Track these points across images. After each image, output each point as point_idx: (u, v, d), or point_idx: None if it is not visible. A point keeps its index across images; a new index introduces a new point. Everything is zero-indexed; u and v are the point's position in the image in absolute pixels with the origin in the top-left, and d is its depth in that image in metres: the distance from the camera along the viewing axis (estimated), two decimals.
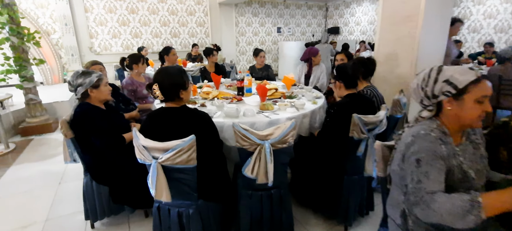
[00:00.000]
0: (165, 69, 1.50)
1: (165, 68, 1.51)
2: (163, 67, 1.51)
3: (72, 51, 6.65)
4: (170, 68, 1.51)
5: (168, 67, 1.52)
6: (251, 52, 9.02)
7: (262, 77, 3.93)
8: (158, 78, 1.46)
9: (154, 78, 1.46)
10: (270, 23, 9.01)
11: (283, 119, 2.05)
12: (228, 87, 3.19)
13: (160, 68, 1.51)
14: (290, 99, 2.53)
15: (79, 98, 1.85)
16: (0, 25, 3.70)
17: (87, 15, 6.71)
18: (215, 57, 3.87)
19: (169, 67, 1.53)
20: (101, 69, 2.44)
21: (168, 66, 1.55)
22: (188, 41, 7.98)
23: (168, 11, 7.52)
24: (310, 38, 9.98)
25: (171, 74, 1.46)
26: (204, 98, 2.65)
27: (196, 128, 1.47)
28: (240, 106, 2.34)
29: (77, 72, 1.84)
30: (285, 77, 2.89)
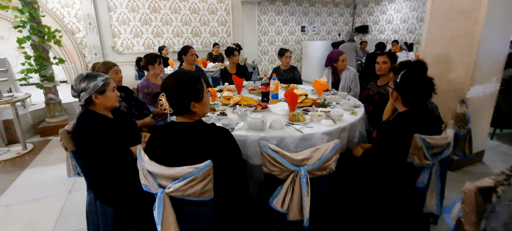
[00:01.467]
0: (176, 75, 1.20)
1: (175, 74, 1.21)
2: (174, 73, 1.22)
3: (95, 50, 6.67)
4: (182, 74, 1.21)
5: (179, 73, 1.22)
6: (273, 52, 8.68)
7: (287, 80, 3.58)
8: (166, 86, 1.17)
9: (162, 86, 1.17)
10: (293, 21, 8.60)
11: (318, 134, 1.70)
12: (251, 91, 2.87)
13: (169, 75, 1.21)
14: (324, 108, 2.17)
15: (83, 105, 1.62)
16: (21, 24, 3.64)
17: (111, 14, 6.69)
18: (236, 58, 3.58)
19: (181, 72, 1.23)
20: (116, 71, 2.21)
21: (179, 72, 1.25)
22: (209, 41, 7.78)
23: (190, 10, 7.37)
24: (336, 38, 9.45)
25: (182, 82, 1.17)
26: (225, 104, 2.35)
27: (213, 150, 1.16)
28: (265, 115, 2.02)
29: (80, 75, 1.60)
30: (317, 81, 2.53)
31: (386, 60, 2.61)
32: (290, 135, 1.67)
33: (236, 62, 3.62)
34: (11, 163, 3.22)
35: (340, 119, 1.92)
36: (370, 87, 2.75)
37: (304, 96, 2.35)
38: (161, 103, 1.14)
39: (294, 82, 3.52)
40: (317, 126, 1.81)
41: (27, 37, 3.72)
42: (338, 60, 3.12)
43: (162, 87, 1.17)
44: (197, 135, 1.18)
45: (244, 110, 1.95)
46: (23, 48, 3.69)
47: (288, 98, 1.96)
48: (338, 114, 1.92)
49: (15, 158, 3.32)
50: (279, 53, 3.62)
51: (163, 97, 1.14)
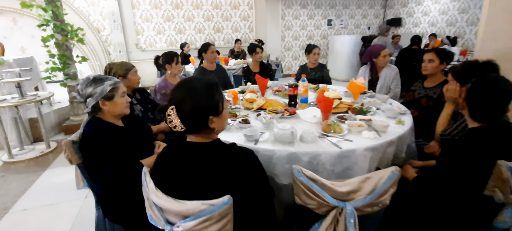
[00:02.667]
0: (187, 83, 0.96)
1: (187, 81, 0.97)
2: (185, 81, 0.97)
3: (119, 47, 6.72)
4: (195, 80, 0.96)
5: (192, 80, 0.97)
6: (297, 48, 8.30)
7: (315, 79, 3.26)
8: (176, 98, 0.93)
9: (171, 98, 0.94)
10: (320, 15, 8.14)
11: (360, 150, 1.41)
12: (276, 93, 2.60)
13: (179, 83, 0.98)
14: (363, 116, 1.85)
15: (90, 112, 1.44)
16: (45, 22, 3.63)
17: (134, 11, 6.69)
18: (259, 55, 3.31)
19: (194, 79, 0.98)
20: (135, 72, 2.04)
21: (191, 78, 1.00)
22: (231, 37, 7.57)
23: (212, 5, 7.19)
24: (366, 32, 8.84)
25: (196, 92, 0.93)
26: (247, 109, 2.10)
27: (235, 180, 0.91)
28: (294, 123, 1.74)
29: (87, 79, 1.42)
30: (353, 82, 2.20)
31: (433, 58, 2.21)
32: (325, 150, 1.39)
33: (259, 60, 3.35)
34: (34, 162, 3.22)
35: (386, 130, 1.60)
36: (415, 89, 2.37)
37: (338, 100, 2.04)
38: (170, 120, 0.91)
39: (323, 82, 3.19)
40: (357, 138, 1.51)
41: (51, 35, 3.72)
42: (379, 56, 2.75)
43: (171, 99, 0.93)
44: (214, 159, 0.93)
45: (270, 118, 1.69)
46: (47, 46, 3.68)
47: (322, 105, 1.67)
48: (382, 124, 1.60)
49: (38, 157, 3.33)
50: (307, 49, 3.31)
51: (172, 112, 0.90)
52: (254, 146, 1.44)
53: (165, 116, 0.91)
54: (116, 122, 1.50)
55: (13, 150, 3.40)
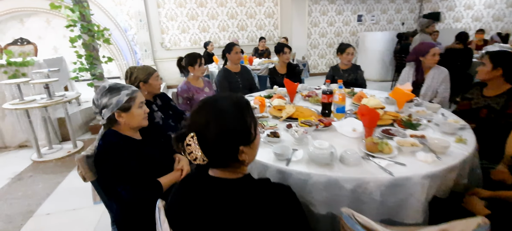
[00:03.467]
0: (212, 103, 0.77)
1: (212, 101, 0.78)
2: (209, 100, 0.78)
3: (145, 46, 6.78)
4: (223, 99, 0.77)
5: (218, 99, 0.78)
6: (324, 46, 7.92)
7: (349, 82, 2.97)
8: (197, 122, 0.74)
9: (190, 122, 0.75)
10: (349, 10, 7.69)
11: (417, 177, 1.15)
12: (306, 98, 2.37)
13: (201, 102, 0.79)
14: (413, 130, 1.57)
15: (105, 124, 1.32)
16: (72, 23, 3.66)
17: (159, 10, 6.71)
18: (287, 56, 3.08)
19: (221, 98, 0.79)
20: (157, 77, 1.91)
21: (218, 97, 0.80)
22: (256, 34, 7.38)
23: (236, 3, 7.03)
24: (399, 28, 8.24)
25: (222, 115, 0.74)
26: (275, 117, 1.90)
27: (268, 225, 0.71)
28: (330, 137, 1.51)
29: (103, 88, 1.30)
30: (397, 89, 1.91)
31: (485, 62, 1.86)
32: (374, 176, 1.15)
33: (286, 61, 3.13)
34: (61, 162, 3.26)
35: (445, 151, 1.32)
36: (471, 97, 2.02)
37: (381, 110, 1.77)
38: (190, 151, 0.72)
39: (357, 85, 2.90)
40: (411, 162, 1.25)
41: (78, 36, 3.74)
42: (428, 54, 2.43)
43: (190, 124, 0.74)
44: (244, 201, 0.74)
45: (303, 132, 1.47)
46: (74, 47, 3.72)
47: (366, 118, 1.42)
48: (441, 144, 1.32)
49: (65, 157, 3.36)
50: (339, 49, 3.02)
51: (192, 141, 0.72)
52: (286, 167, 1.24)
53: (184, 146, 0.73)
54: (133, 135, 1.36)
55: (42, 149, 3.47)
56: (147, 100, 1.89)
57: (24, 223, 2.20)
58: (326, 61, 8.09)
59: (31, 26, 6.28)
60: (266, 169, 1.29)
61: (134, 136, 1.36)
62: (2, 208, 2.40)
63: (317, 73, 7.99)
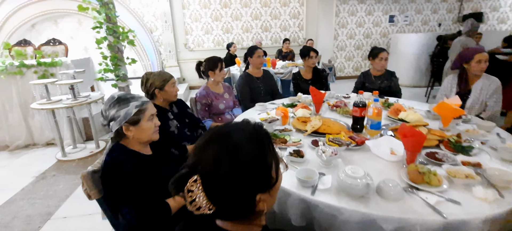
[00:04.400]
0: (223, 135, 0.60)
1: (222, 132, 0.61)
2: (219, 130, 0.62)
3: (169, 47, 6.85)
4: (236, 132, 0.60)
5: (230, 130, 0.61)
6: (352, 48, 7.53)
7: (381, 90, 2.70)
8: (202, 159, 0.58)
9: (194, 160, 0.59)
10: (380, 10, 7.24)
11: (477, 222, 0.92)
12: (334, 108, 2.15)
13: (209, 131, 0.62)
14: (465, 155, 1.32)
15: (113, 138, 1.21)
16: (99, 24, 3.71)
17: (184, 11, 6.74)
18: (313, 61, 2.87)
19: (233, 128, 0.62)
20: (173, 84, 1.80)
21: (230, 128, 0.63)
22: (280, 35, 7.18)
23: (261, 3, 6.88)
24: (436, 29, 7.63)
25: (236, 152, 0.57)
26: (299, 130, 1.71)
27: None
28: (362, 159, 1.30)
29: (111, 98, 1.19)
30: (443, 104, 1.64)
31: None
32: (420, 217, 0.93)
33: (312, 66, 2.91)
34: (83, 162, 3.29)
35: (510, 186, 1.06)
36: None
37: (424, 128, 1.52)
38: (192, 198, 0.56)
39: (390, 94, 2.62)
40: (466, 199, 1.01)
41: (104, 37, 3.79)
42: (472, 61, 2.12)
43: (194, 163, 0.58)
44: None
45: (332, 153, 1.27)
46: (100, 48, 3.77)
47: (409, 141, 1.19)
48: (505, 178, 1.07)
49: (87, 157, 3.40)
50: (371, 53, 2.76)
51: (195, 185, 0.56)
52: (311, 197, 1.06)
53: (184, 192, 0.58)
54: (143, 150, 1.24)
55: (67, 148, 3.55)
56: (162, 108, 1.79)
57: (41, 225, 2.20)
58: (354, 64, 7.70)
59: (64, 27, 6.58)
60: (287, 197, 1.12)
61: (143, 151, 1.24)
62: (24, 208, 2.44)
63: (343, 77, 7.63)
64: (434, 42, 5.95)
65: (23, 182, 2.87)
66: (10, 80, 3.63)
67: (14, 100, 3.69)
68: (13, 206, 2.48)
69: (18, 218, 2.30)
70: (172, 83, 1.77)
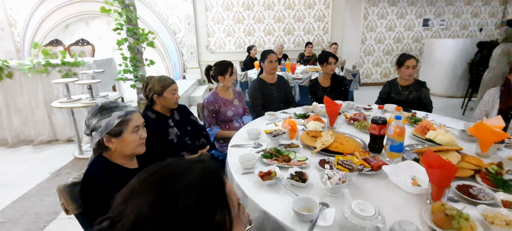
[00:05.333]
0: (158, 181, 0.44)
1: (160, 175, 0.45)
2: (155, 173, 0.46)
3: (191, 49, 6.91)
4: (177, 176, 0.44)
5: (175, 171, 0.45)
6: (380, 53, 7.09)
7: (409, 102, 2.42)
8: (123, 215, 0.42)
9: (115, 213, 0.45)
10: (413, 13, 6.73)
11: None
12: (351, 122, 1.93)
13: (140, 176, 0.47)
14: (506, 193, 1.06)
15: (95, 149, 1.12)
16: (119, 26, 3.77)
17: (207, 13, 6.76)
18: (332, 67, 2.65)
19: (180, 166, 0.46)
20: (174, 91, 1.70)
21: (172, 169, 0.44)
22: (303, 39, 6.95)
23: (284, 6, 6.71)
24: (476, 34, 6.94)
25: (170, 206, 0.41)
26: (307, 147, 1.53)
27: None
28: (377, 188, 1.09)
29: (94, 107, 1.10)
30: (482, 125, 1.36)
31: None
32: None
33: (331, 73, 2.69)
34: None
35: None
36: None
37: (456, 155, 1.27)
38: None
39: (419, 107, 2.33)
40: None
41: (125, 39, 3.85)
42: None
43: (115, 217, 0.44)
44: None
45: (340, 179, 1.07)
46: (121, 49, 3.83)
47: (436, 173, 0.97)
48: None
49: None
50: (400, 61, 2.47)
51: None
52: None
53: None
54: (127, 163, 1.14)
55: (85, 145, 3.63)
56: (162, 114, 1.70)
57: (47, 224, 2.21)
58: (382, 70, 7.24)
59: (94, 28, 6.89)
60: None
61: (127, 164, 1.14)
62: (34, 205, 2.48)
63: (369, 84, 7.20)
64: (474, 49, 5.39)
65: (39, 178, 2.95)
66: (37, 78, 3.80)
67: (39, 97, 3.86)
68: (25, 201, 2.53)
69: (27, 215, 2.34)
70: (172, 89, 1.66)
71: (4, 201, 2.53)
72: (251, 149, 1.52)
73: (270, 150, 1.43)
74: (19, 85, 3.81)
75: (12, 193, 2.64)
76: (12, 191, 2.67)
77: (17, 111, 3.90)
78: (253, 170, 1.27)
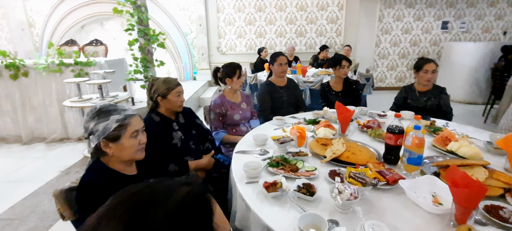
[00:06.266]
0: (131, 207, 0.38)
1: (136, 202, 0.39)
2: (128, 199, 0.40)
3: (202, 50, 6.91)
4: (157, 204, 0.37)
5: (148, 201, 0.38)
6: (396, 56, 6.86)
7: (427, 109, 2.28)
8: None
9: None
10: (431, 15, 6.47)
11: None
12: (364, 129, 1.82)
13: (112, 201, 0.41)
14: None
15: (92, 154, 1.08)
16: (131, 27, 3.79)
17: (219, 15, 6.75)
18: (345, 71, 2.54)
19: (157, 199, 0.39)
20: (179, 93, 1.63)
21: (151, 193, 0.38)
22: (315, 41, 6.82)
23: (297, 7, 6.60)
24: (499, 38, 6.60)
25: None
26: (316, 156, 1.44)
27: None
28: (394, 207, 0.99)
29: (93, 109, 1.06)
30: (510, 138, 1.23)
31: None
32: None
33: (344, 77, 2.58)
34: None
35: None
36: None
37: (483, 171, 1.15)
38: None
39: (438, 115, 2.19)
40: None
41: (135, 39, 3.86)
42: None
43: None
44: None
45: (351, 195, 0.98)
46: (132, 50, 3.85)
47: (462, 193, 0.86)
48: None
49: None
50: (417, 65, 2.33)
51: None
52: None
53: None
54: (125, 169, 1.09)
55: None
56: (166, 117, 1.65)
57: (53, 224, 2.21)
58: (397, 74, 7.01)
59: (109, 29, 7.01)
60: None
61: (125, 170, 1.09)
62: (43, 202, 2.50)
63: (383, 88, 6.97)
64: (497, 53, 5.11)
65: (50, 176, 2.98)
66: (51, 77, 3.87)
67: (53, 96, 3.93)
68: (34, 199, 2.55)
69: (35, 213, 2.35)
70: (177, 92, 1.61)
71: (15, 197, 2.56)
72: (256, 156, 1.45)
73: (277, 158, 1.35)
74: (34, 84, 3.89)
75: (23, 189, 2.68)
76: (23, 188, 2.71)
77: (32, 109, 3.98)
78: (258, 179, 1.19)
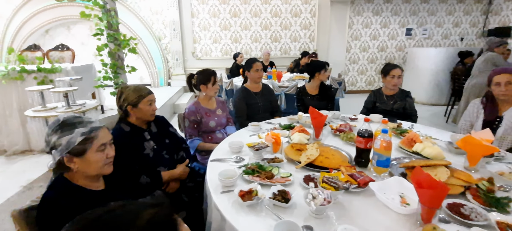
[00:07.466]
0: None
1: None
2: (90, 220, 0.40)
3: (177, 55, 6.77)
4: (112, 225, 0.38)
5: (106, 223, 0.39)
6: (365, 61, 7.18)
7: (394, 112, 2.40)
8: None
9: None
10: (396, 22, 6.88)
11: None
12: (336, 133, 1.88)
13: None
14: (499, 212, 1.02)
15: (54, 169, 1.01)
16: (100, 31, 3.62)
17: (193, 20, 6.67)
18: (325, 76, 2.61)
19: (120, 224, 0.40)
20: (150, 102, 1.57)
21: (116, 221, 0.40)
22: (289, 46, 6.97)
23: (271, 13, 6.71)
24: (457, 44, 7.17)
25: None
26: (291, 161, 1.46)
27: None
28: (365, 208, 1.02)
29: (56, 121, 0.99)
30: (470, 138, 1.33)
31: None
32: None
33: (326, 80, 2.66)
34: None
35: None
36: None
37: (445, 170, 1.23)
38: None
39: (404, 118, 2.32)
40: None
41: (105, 44, 3.70)
42: (491, 83, 1.83)
43: None
44: None
45: (325, 200, 1.00)
46: (101, 55, 3.68)
47: (426, 194, 0.91)
48: None
49: None
50: (385, 70, 2.47)
51: None
52: None
53: None
54: (91, 185, 1.03)
55: None
56: (137, 127, 1.59)
57: None
58: (367, 78, 7.34)
59: (76, 33, 6.64)
60: None
61: (92, 186, 1.03)
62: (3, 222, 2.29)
63: (354, 91, 7.27)
64: (456, 58, 5.54)
65: (11, 192, 2.75)
66: (11, 85, 3.58)
67: (13, 106, 3.63)
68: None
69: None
70: (148, 100, 1.56)
71: None
72: (232, 164, 1.44)
73: (252, 165, 1.35)
74: None
75: None
76: None
77: None
78: (234, 188, 1.18)
